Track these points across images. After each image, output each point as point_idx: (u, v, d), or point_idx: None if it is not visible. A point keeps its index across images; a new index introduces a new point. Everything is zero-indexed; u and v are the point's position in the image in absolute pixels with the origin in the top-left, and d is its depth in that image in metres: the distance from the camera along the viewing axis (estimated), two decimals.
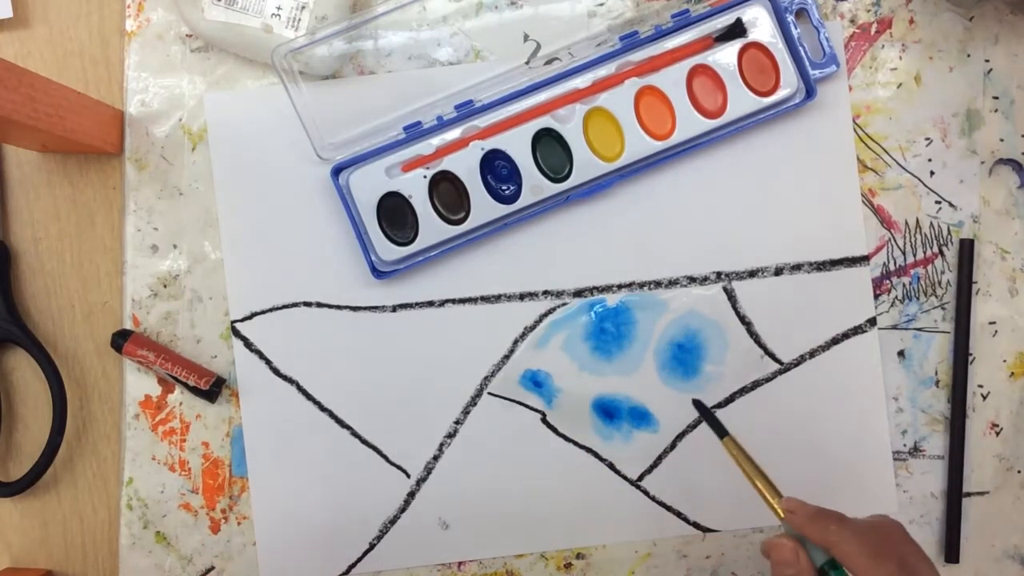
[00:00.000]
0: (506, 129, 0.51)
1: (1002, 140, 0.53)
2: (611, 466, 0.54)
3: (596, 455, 0.54)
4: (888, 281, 0.54)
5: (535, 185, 0.52)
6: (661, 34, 0.52)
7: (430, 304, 0.53)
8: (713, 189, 0.53)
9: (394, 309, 0.53)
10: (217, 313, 0.53)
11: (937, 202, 0.54)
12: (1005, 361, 0.54)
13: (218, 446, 0.53)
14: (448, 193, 0.52)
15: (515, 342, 0.53)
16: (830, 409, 0.53)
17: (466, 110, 0.52)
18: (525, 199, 0.52)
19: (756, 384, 0.54)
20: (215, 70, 0.53)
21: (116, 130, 0.53)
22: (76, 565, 0.54)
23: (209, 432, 0.53)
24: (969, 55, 0.53)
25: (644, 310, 0.54)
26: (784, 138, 0.53)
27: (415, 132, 0.52)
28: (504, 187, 0.52)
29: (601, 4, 0.54)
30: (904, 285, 0.54)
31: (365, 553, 0.54)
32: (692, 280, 0.53)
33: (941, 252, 0.54)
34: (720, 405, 0.53)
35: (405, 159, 0.52)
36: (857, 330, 0.53)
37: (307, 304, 0.53)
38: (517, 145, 0.51)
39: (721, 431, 0.45)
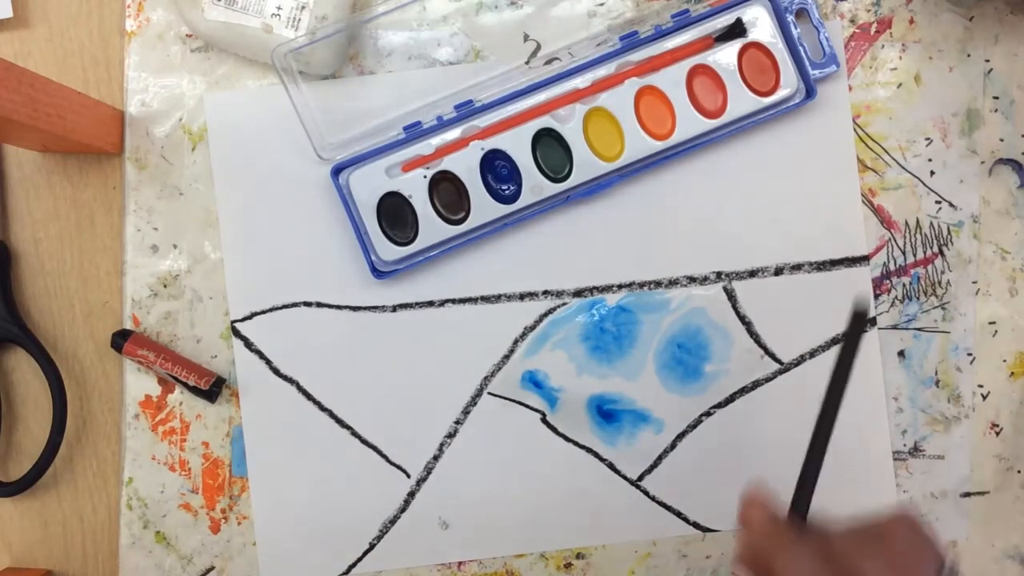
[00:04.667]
0: (506, 129, 0.51)
1: (1002, 140, 0.53)
2: (611, 466, 0.54)
3: (596, 455, 0.54)
4: (888, 281, 0.54)
5: (535, 185, 0.52)
6: (661, 34, 0.52)
7: (430, 304, 0.53)
8: (713, 189, 0.53)
9: (394, 309, 0.53)
10: (217, 313, 0.53)
11: (937, 202, 0.54)
12: (1005, 361, 0.54)
13: (218, 446, 0.53)
14: (448, 193, 0.52)
15: (515, 342, 0.53)
16: None
17: (466, 110, 0.52)
18: (525, 199, 0.52)
19: (756, 384, 0.54)
20: (215, 70, 0.53)
21: (116, 130, 0.53)
22: (76, 565, 0.54)
23: (209, 432, 0.53)
24: (969, 55, 0.53)
25: (644, 310, 0.53)
26: (784, 138, 0.53)
27: (415, 132, 0.52)
28: (504, 187, 0.52)
29: (601, 4, 0.54)
30: (904, 285, 0.54)
31: (365, 553, 0.54)
32: (692, 280, 0.53)
33: (941, 252, 0.54)
34: (720, 405, 0.53)
35: (405, 159, 0.52)
36: None
37: (307, 304, 0.53)
38: (517, 145, 0.51)
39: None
